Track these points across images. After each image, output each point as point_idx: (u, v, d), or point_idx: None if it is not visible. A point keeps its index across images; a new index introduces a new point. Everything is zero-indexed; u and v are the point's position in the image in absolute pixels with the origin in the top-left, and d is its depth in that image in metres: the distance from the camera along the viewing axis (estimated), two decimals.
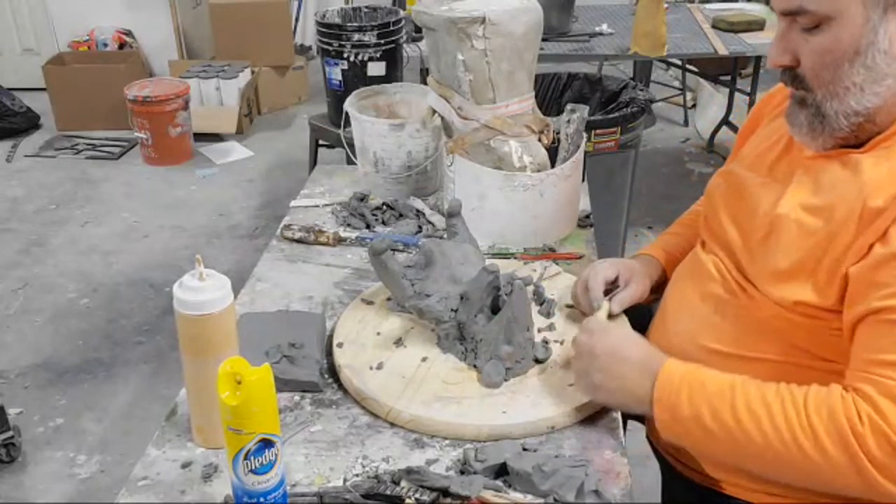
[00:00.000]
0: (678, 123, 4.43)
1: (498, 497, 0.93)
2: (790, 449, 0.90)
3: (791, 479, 0.96)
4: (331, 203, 1.70)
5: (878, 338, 0.90)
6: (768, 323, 1.02)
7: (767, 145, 1.14)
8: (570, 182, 1.51)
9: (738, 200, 1.12)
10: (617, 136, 2.54)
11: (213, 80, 4.23)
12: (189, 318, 0.94)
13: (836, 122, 0.98)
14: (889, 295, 0.89)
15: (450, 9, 1.39)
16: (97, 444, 2.25)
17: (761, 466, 0.95)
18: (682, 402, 0.96)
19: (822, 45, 0.95)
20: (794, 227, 1.00)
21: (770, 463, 0.93)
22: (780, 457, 0.91)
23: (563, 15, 3.17)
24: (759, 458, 0.93)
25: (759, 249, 1.04)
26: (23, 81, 4.78)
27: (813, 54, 0.97)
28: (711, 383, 0.96)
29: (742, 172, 1.15)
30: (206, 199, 3.68)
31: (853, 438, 0.87)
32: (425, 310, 1.16)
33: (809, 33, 0.96)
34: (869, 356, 0.90)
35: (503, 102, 1.44)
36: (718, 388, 0.95)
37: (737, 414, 0.93)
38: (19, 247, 3.28)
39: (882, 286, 0.90)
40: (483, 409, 1.07)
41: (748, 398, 0.93)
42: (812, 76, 0.98)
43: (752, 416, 0.92)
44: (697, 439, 0.97)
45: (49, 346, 2.67)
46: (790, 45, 0.99)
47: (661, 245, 1.35)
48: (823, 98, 0.98)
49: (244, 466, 0.86)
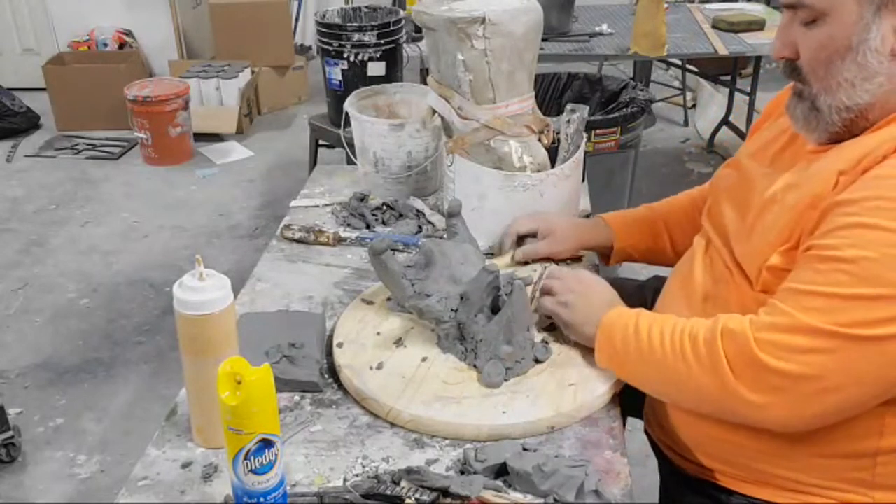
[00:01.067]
0: (678, 123, 4.43)
1: (498, 497, 0.93)
2: (677, 357, 0.99)
3: (677, 392, 1.04)
4: (331, 203, 1.70)
5: (798, 270, 0.95)
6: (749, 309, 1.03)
7: (772, 136, 1.16)
8: (570, 182, 1.50)
9: (739, 188, 1.16)
10: (617, 136, 2.54)
11: (213, 80, 4.23)
12: (189, 318, 0.94)
13: (829, 117, 1.00)
14: (818, 236, 0.94)
15: (450, 9, 1.39)
16: (97, 444, 2.25)
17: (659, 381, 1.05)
18: (617, 332, 1.07)
19: (818, 40, 0.97)
20: (777, 205, 1.02)
21: (662, 375, 1.02)
22: (667, 366, 1.00)
23: (563, 15, 3.18)
24: (656, 371, 1.03)
25: (749, 230, 1.07)
26: (23, 81, 4.78)
27: (810, 48, 0.99)
28: (646, 317, 1.07)
29: (745, 162, 1.18)
30: (206, 199, 3.68)
31: (720, 344, 0.95)
32: (425, 310, 1.16)
33: (808, 27, 0.98)
34: (785, 284, 0.96)
35: (503, 102, 1.44)
36: (649, 321, 1.05)
37: (650, 335, 1.03)
38: (19, 247, 3.28)
39: (822, 229, 0.94)
40: (483, 409, 1.07)
41: (663, 326, 1.03)
42: (809, 70, 1.00)
43: (660, 337, 1.02)
44: (622, 361, 1.07)
45: (49, 346, 2.67)
46: (791, 38, 1.01)
47: (623, 214, 1.45)
48: (818, 92, 1.00)
49: (244, 466, 0.86)
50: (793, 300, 0.93)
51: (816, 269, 0.92)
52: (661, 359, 1.01)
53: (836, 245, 0.91)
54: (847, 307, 0.89)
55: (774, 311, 0.94)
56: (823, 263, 0.92)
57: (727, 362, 0.94)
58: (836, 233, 0.92)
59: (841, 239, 0.91)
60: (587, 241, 1.43)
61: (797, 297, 0.93)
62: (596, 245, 1.43)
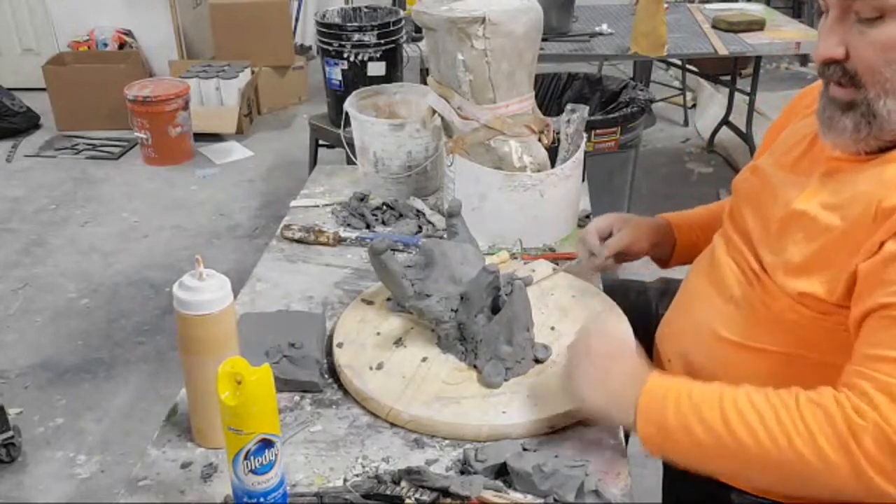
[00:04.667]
0: (678, 123, 4.43)
1: (498, 497, 0.93)
2: (785, 453, 0.86)
3: (788, 487, 0.93)
4: (331, 203, 1.70)
5: (879, 333, 0.88)
6: (780, 315, 1.01)
7: (794, 141, 1.13)
8: (570, 182, 1.50)
9: (760, 194, 1.13)
10: (617, 136, 2.54)
11: (213, 80, 4.23)
12: (189, 318, 0.94)
13: (888, 123, 0.92)
14: (895, 292, 0.87)
15: (450, 9, 1.39)
16: (97, 444, 2.25)
17: (757, 474, 0.91)
18: (669, 413, 0.92)
19: (885, 39, 0.88)
20: (810, 223, 0.99)
21: (765, 470, 0.89)
22: (776, 463, 0.87)
23: (563, 15, 3.18)
24: (753, 466, 0.89)
25: (776, 242, 1.04)
26: (23, 81, 4.78)
27: (871, 48, 0.89)
28: (697, 393, 0.93)
29: (768, 168, 1.15)
30: (206, 199, 3.68)
31: (851, 438, 0.84)
32: (425, 310, 1.16)
33: (868, 24, 0.89)
34: (868, 351, 0.88)
35: (503, 102, 1.44)
36: (705, 396, 0.92)
37: (728, 422, 0.89)
38: (19, 247, 3.28)
39: (889, 283, 0.88)
40: (483, 409, 1.07)
41: (738, 405, 0.89)
42: (867, 72, 0.91)
43: (743, 423, 0.88)
44: (687, 451, 0.92)
45: (49, 346, 2.67)
46: (842, 37, 0.91)
47: (676, 215, 1.39)
48: (877, 96, 0.91)
49: (244, 466, 0.86)
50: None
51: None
52: (759, 455, 0.88)
53: None
54: None
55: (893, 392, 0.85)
56: None
57: (865, 459, 0.83)
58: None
59: None
60: (654, 234, 1.35)
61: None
62: (662, 239, 1.35)
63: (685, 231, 1.37)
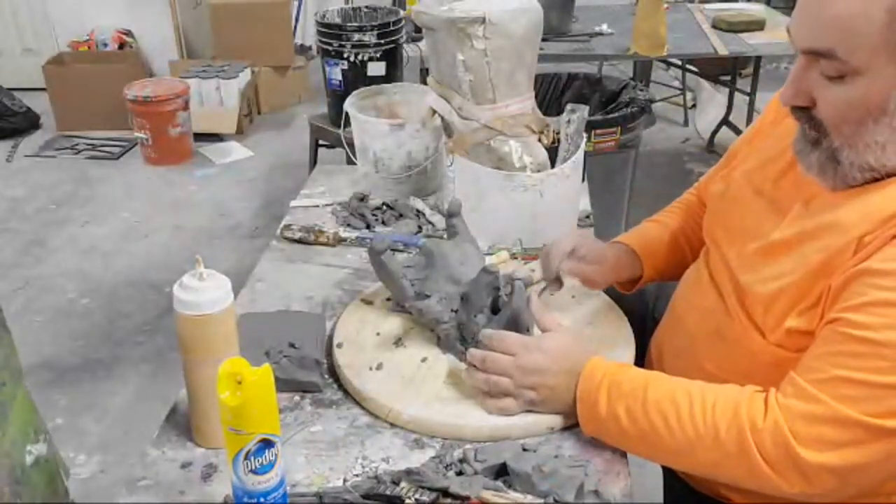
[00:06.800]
0: (678, 123, 4.43)
1: (498, 497, 0.93)
2: (693, 445, 0.92)
3: (702, 474, 0.99)
4: (331, 203, 1.70)
5: (822, 344, 0.90)
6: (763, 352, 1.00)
7: (775, 153, 1.08)
8: (570, 182, 1.50)
9: (732, 214, 1.10)
10: (617, 136, 2.54)
11: (213, 80, 4.23)
12: (189, 318, 0.94)
13: (850, 172, 0.92)
14: (848, 308, 0.87)
15: (450, 9, 1.39)
16: (97, 444, 2.25)
17: (672, 462, 1.00)
18: (601, 401, 0.99)
19: (846, 99, 0.88)
20: (789, 253, 0.97)
21: (678, 459, 0.97)
22: (685, 453, 0.94)
23: (563, 15, 3.18)
24: (667, 454, 0.97)
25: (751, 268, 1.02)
26: (23, 81, 4.78)
27: (833, 105, 0.90)
28: (627, 383, 0.99)
29: (740, 181, 1.12)
30: (206, 199, 3.68)
31: (750, 436, 0.89)
32: (425, 310, 1.16)
33: (832, 81, 0.89)
34: (813, 361, 0.90)
35: (503, 102, 1.44)
36: (632, 387, 0.98)
37: (648, 413, 0.95)
38: (19, 247, 3.28)
39: (845, 298, 0.88)
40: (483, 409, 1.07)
41: (658, 397, 0.96)
42: (831, 125, 0.91)
43: (660, 415, 0.94)
44: (614, 436, 1.00)
45: (49, 346, 2.67)
46: (807, 86, 0.92)
47: (639, 234, 1.34)
48: (840, 146, 0.91)
49: (244, 466, 0.86)
50: (829, 388, 0.86)
51: (851, 351, 0.86)
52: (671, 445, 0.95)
53: (869, 324, 0.84)
54: (885, 396, 0.84)
55: (807, 398, 0.87)
56: (857, 345, 0.85)
57: (760, 455, 0.88)
58: (867, 309, 0.85)
59: (875, 318, 0.84)
60: (622, 274, 1.31)
61: (833, 384, 0.86)
62: (629, 277, 1.31)
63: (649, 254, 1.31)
